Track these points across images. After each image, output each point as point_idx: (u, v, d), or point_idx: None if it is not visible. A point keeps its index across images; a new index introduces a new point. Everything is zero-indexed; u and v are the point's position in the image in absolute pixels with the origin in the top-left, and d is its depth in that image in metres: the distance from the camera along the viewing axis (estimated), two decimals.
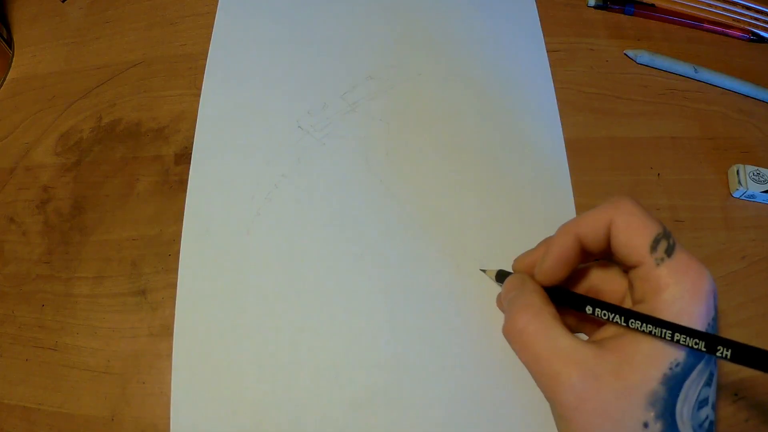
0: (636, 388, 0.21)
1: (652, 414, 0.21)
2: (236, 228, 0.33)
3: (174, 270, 0.32)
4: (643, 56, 0.38)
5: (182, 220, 0.33)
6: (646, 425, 0.21)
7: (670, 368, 0.21)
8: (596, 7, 0.41)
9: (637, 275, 0.22)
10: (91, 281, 0.32)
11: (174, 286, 0.31)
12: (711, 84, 0.38)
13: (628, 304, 0.23)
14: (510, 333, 0.23)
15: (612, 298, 0.25)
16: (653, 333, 0.20)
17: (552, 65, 0.38)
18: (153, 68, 0.39)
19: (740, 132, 0.37)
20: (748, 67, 0.39)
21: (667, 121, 0.37)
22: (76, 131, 0.37)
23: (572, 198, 0.33)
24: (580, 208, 0.33)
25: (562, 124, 0.36)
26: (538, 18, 0.40)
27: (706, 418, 0.22)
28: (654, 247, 0.21)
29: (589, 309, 0.23)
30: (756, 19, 0.41)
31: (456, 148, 0.35)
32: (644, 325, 0.21)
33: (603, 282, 0.26)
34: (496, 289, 0.31)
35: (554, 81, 0.37)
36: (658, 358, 0.21)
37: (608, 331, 0.23)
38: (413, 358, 0.29)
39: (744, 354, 0.19)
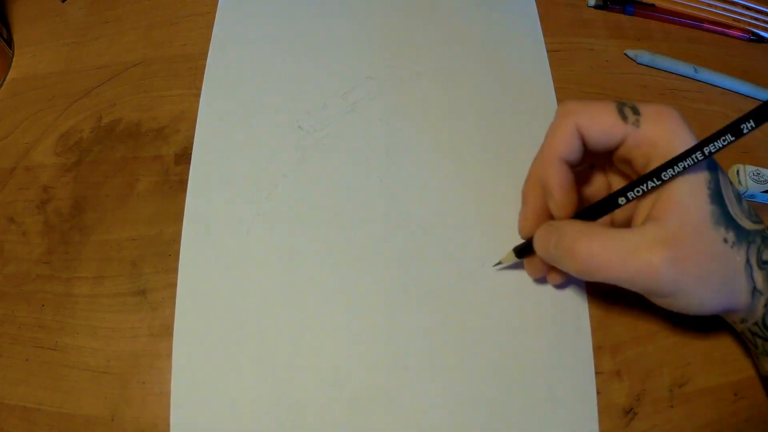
0: (701, 223, 0.23)
1: (723, 228, 0.23)
2: (236, 228, 0.33)
3: (174, 270, 0.32)
4: (643, 56, 0.38)
5: (182, 220, 0.33)
6: (725, 240, 0.23)
7: (708, 187, 0.23)
8: (596, 7, 0.41)
9: (628, 149, 0.24)
10: (91, 281, 0.32)
11: (174, 286, 0.31)
12: (711, 84, 0.38)
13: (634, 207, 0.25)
14: (585, 267, 0.24)
15: (624, 217, 0.27)
16: (687, 165, 0.22)
17: (552, 65, 0.38)
18: (153, 68, 0.39)
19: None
20: (748, 67, 0.39)
21: None
22: (76, 131, 0.37)
23: None
24: None
25: None
26: (538, 18, 0.40)
27: (748, 205, 0.25)
28: (624, 116, 0.24)
29: (621, 200, 0.24)
30: (756, 19, 0.41)
31: (456, 148, 0.35)
32: (675, 166, 0.22)
33: (591, 193, 0.28)
34: (496, 289, 0.31)
35: (554, 81, 0.37)
36: (696, 188, 0.23)
37: (643, 211, 0.24)
38: (413, 358, 0.29)
39: (762, 113, 0.21)
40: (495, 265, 0.31)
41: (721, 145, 0.21)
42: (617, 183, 0.28)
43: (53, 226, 0.34)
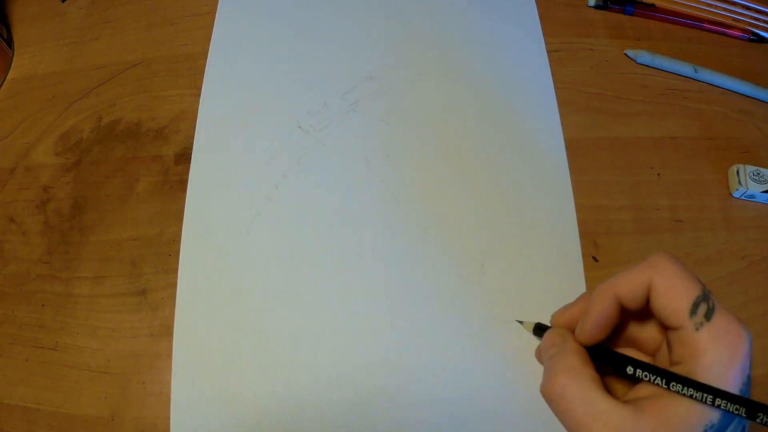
0: None
1: None
2: (236, 228, 0.33)
3: (174, 270, 0.32)
4: (643, 56, 0.38)
5: (182, 220, 0.33)
6: None
7: (705, 430, 0.21)
8: (596, 7, 0.41)
9: (676, 338, 0.22)
10: (91, 281, 0.32)
11: (174, 286, 0.31)
12: (711, 84, 0.38)
13: (663, 356, 0.24)
14: (549, 394, 0.24)
15: (648, 347, 0.25)
16: (694, 396, 0.21)
17: (552, 65, 0.38)
18: (153, 68, 0.39)
19: (740, 132, 0.37)
20: (748, 67, 0.39)
21: (667, 121, 0.37)
22: (76, 131, 0.37)
23: (572, 198, 0.33)
24: (580, 208, 0.33)
25: (562, 124, 0.36)
26: (538, 18, 0.40)
27: None
28: (694, 312, 0.22)
29: (630, 369, 0.23)
30: (756, 19, 0.41)
31: (456, 148, 0.35)
32: (685, 388, 0.21)
33: (640, 331, 0.26)
34: (496, 289, 0.31)
35: (554, 81, 0.37)
36: (695, 420, 0.21)
37: (644, 390, 0.23)
38: (413, 358, 0.29)
39: None
40: (517, 320, 0.30)
41: (730, 410, 0.20)
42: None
43: (53, 226, 0.34)
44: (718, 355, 0.21)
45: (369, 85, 0.37)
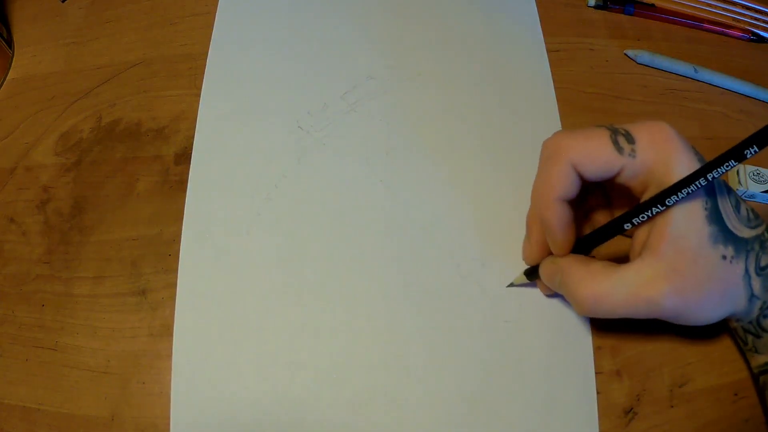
0: (699, 245, 0.23)
1: (721, 246, 0.23)
2: (236, 228, 0.33)
3: (174, 270, 0.32)
4: (643, 56, 0.38)
5: (182, 220, 0.33)
6: (724, 257, 0.23)
7: (705, 207, 0.23)
8: (596, 7, 0.41)
9: (625, 179, 0.24)
10: (91, 281, 0.32)
11: (174, 286, 0.31)
12: (711, 84, 0.38)
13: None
14: (592, 308, 0.24)
15: (606, 219, 0.27)
16: (691, 190, 0.22)
17: (552, 65, 0.38)
18: (153, 68, 0.39)
19: (740, 132, 0.37)
20: (748, 67, 0.39)
21: (667, 121, 0.37)
22: (76, 131, 0.37)
23: None
24: None
25: (562, 124, 0.36)
26: (538, 18, 0.40)
27: (746, 210, 0.25)
28: (618, 148, 0.23)
29: (627, 225, 0.24)
30: (756, 19, 0.41)
31: (456, 148, 0.35)
32: (679, 192, 0.22)
33: (593, 218, 0.28)
34: (496, 289, 0.31)
35: (554, 81, 0.37)
36: (693, 212, 0.23)
37: (639, 239, 0.24)
38: (413, 358, 0.29)
39: (763, 136, 0.20)
40: (508, 285, 0.31)
41: (724, 170, 0.21)
42: (619, 209, 0.28)
43: (53, 226, 0.34)
44: (665, 154, 0.23)
45: (369, 85, 0.37)
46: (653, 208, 0.23)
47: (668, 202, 0.22)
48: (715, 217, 0.23)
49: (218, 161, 0.35)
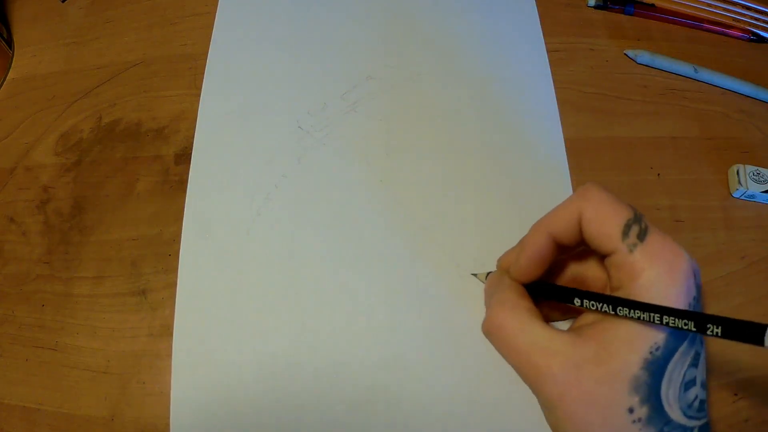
0: (617, 373, 0.20)
1: (637, 399, 0.20)
2: (236, 228, 0.33)
3: (174, 270, 0.32)
4: (643, 56, 0.38)
5: (182, 220, 0.33)
6: (631, 410, 0.21)
7: (651, 352, 0.21)
8: (596, 7, 0.41)
9: (612, 263, 0.22)
10: (91, 281, 0.32)
11: (174, 286, 0.31)
12: (711, 84, 0.38)
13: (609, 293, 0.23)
14: (488, 330, 0.24)
15: (596, 285, 0.25)
16: (642, 318, 0.20)
17: (552, 65, 0.38)
18: (153, 68, 0.39)
19: (740, 132, 0.37)
20: (748, 67, 0.39)
21: (667, 121, 0.37)
22: (76, 131, 0.37)
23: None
24: None
25: (562, 124, 0.36)
26: (538, 18, 0.40)
27: (696, 398, 0.22)
28: (626, 233, 0.21)
29: (577, 301, 0.23)
30: (756, 19, 0.41)
31: (456, 148, 0.35)
32: (632, 311, 0.20)
33: (587, 269, 0.26)
34: None
35: (554, 81, 0.37)
36: (638, 342, 0.21)
37: (587, 318, 0.23)
38: (413, 358, 0.29)
39: (734, 329, 0.18)
40: (472, 273, 0.31)
41: (679, 326, 0.19)
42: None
43: (53, 226, 0.34)
44: (656, 274, 0.20)
45: (369, 85, 0.37)
46: (604, 305, 0.21)
47: (619, 311, 0.21)
48: (654, 370, 0.21)
49: (218, 161, 0.35)
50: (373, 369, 0.29)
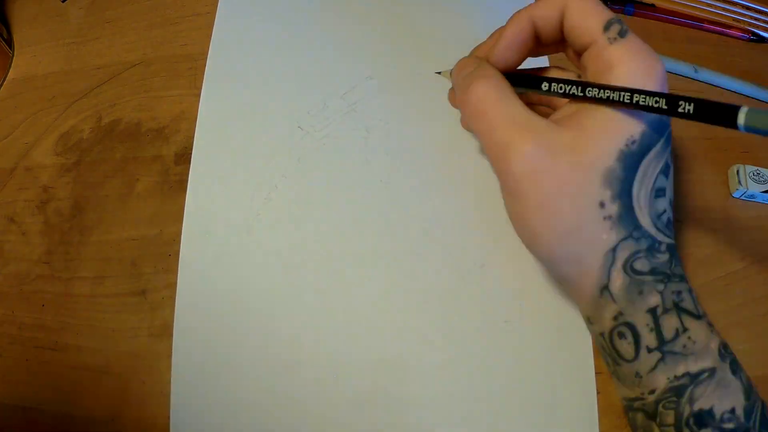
0: (592, 163, 0.20)
1: (609, 193, 0.20)
2: (236, 228, 0.33)
3: (174, 270, 0.32)
4: None
5: (182, 220, 0.33)
6: (602, 205, 0.20)
7: (626, 144, 0.20)
8: None
9: (589, 56, 0.22)
10: (91, 281, 0.32)
11: (174, 286, 0.31)
12: (711, 84, 0.38)
13: None
14: (467, 102, 0.23)
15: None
16: (611, 98, 0.20)
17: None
18: (153, 68, 0.39)
19: (740, 132, 0.37)
20: (748, 67, 0.39)
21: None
22: (76, 131, 0.37)
23: None
24: None
25: None
26: None
27: (664, 211, 0.22)
28: (607, 27, 0.21)
29: (545, 85, 0.23)
30: (756, 19, 0.41)
31: (456, 147, 0.35)
32: (601, 91, 0.20)
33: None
34: (496, 289, 0.31)
35: None
36: (615, 132, 0.20)
37: (565, 111, 0.23)
38: (414, 358, 0.29)
39: (706, 108, 0.18)
40: (437, 72, 0.31)
41: (649, 104, 0.19)
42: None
43: (53, 226, 0.34)
44: (634, 66, 0.20)
45: (369, 85, 0.37)
46: (572, 87, 0.21)
47: (588, 92, 0.20)
48: (629, 164, 0.20)
49: (218, 161, 0.35)
50: (374, 369, 0.29)
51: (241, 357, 0.30)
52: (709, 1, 0.41)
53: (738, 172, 0.34)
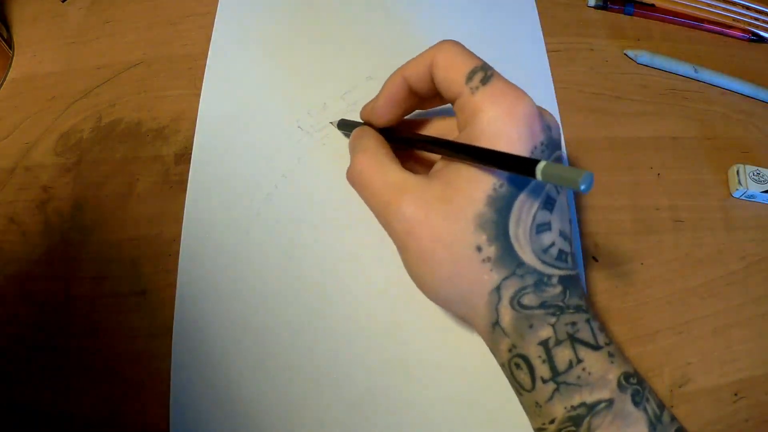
0: (462, 209, 0.21)
1: (484, 237, 0.21)
2: (236, 228, 0.33)
3: (174, 270, 0.32)
4: (643, 56, 0.38)
5: (182, 220, 0.33)
6: (479, 248, 0.21)
7: (494, 189, 0.21)
8: (596, 7, 0.41)
9: (458, 107, 0.23)
10: (91, 281, 0.32)
11: (174, 286, 0.31)
12: (711, 84, 0.38)
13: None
14: (351, 175, 0.25)
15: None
16: (467, 157, 0.21)
17: (552, 65, 0.38)
18: (153, 68, 0.39)
19: (740, 132, 0.37)
20: (748, 67, 0.39)
21: (667, 121, 0.37)
22: (76, 131, 0.37)
23: (572, 198, 0.33)
24: (580, 208, 0.33)
25: (562, 124, 0.36)
26: (538, 18, 0.40)
27: (552, 244, 0.22)
28: (470, 77, 0.22)
29: (419, 144, 0.25)
30: (756, 19, 0.41)
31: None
32: (464, 154, 0.21)
33: (448, 131, 0.27)
34: None
35: (554, 81, 0.37)
36: (480, 180, 0.21)
37: (439, 164, 0.24)
38: (413, 358, 0.29)
39: (508, 162, 0.19)
40: (331, 122, 0.34)
41: (502, 164, 0.20)
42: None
43: (53, 226, 0.34)
44: (495, 114, 0.21)
45: (369, 85, 0.37)
46: (443, 149, 0.23)
47: (457, 153, 0.22)
48: (500, 207, 0.21)
49: (218, 161, 0.35)
50: (373, 369, 0.29)
51: (240, 357, 0.30)
52: (709, 1, 0.41)
53: (738, 172, 0.34)
